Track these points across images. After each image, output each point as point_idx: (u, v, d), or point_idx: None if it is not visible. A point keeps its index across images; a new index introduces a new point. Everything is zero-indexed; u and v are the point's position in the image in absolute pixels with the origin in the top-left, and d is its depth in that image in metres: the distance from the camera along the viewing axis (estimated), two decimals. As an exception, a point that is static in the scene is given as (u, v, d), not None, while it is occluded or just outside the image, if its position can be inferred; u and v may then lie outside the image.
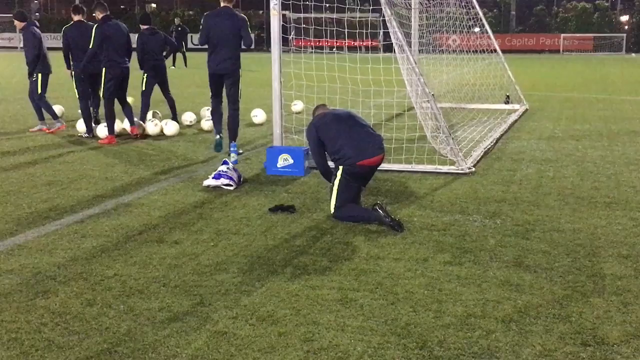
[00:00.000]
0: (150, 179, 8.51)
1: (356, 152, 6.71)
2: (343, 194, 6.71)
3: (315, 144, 7.01)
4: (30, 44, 12.17)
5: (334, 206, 6.71)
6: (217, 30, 10.08)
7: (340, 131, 6.84)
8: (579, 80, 26.15)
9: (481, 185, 8.11)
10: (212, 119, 11.01)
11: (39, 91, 12.22)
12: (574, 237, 6.10)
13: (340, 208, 6.67)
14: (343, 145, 6.75)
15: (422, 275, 5.18)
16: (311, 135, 7.04)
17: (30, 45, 12.15)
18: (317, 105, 7.54)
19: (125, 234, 6.24)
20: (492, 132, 11.67)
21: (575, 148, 10.60)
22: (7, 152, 10.42)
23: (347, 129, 6.86)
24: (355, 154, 6.70)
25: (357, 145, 6.74)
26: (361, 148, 6.74)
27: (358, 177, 6.84)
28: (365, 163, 6.74)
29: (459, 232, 6.26)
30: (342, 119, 6.98)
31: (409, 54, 9.17)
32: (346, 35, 10.52)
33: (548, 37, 53.90)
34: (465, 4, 15.48)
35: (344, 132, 6.82)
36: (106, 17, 11.30)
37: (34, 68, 12.19)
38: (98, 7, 11.42)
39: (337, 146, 6.79)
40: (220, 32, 10.07)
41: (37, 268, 5.33)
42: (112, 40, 11.15)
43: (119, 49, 11.24)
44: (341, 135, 6.81)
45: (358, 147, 6.73)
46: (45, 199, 7.51)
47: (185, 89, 19.84)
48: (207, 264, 5.42)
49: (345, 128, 6.86)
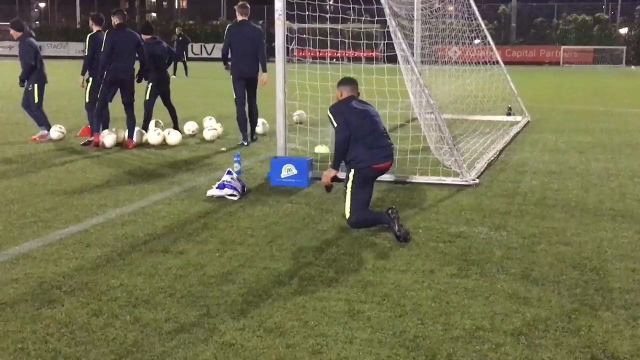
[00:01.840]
0: (153, 189, 8.49)
1: (370, 156, 6.73)
2: (357, 196, 6.71)
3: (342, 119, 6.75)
4: (26, 54, 12.21)
5: (348, 211, 6.70)
6: (240, 41, 11.73)
7: (356, 132, 6.72)
8: (580, 92, 26.18)
9: (486, 197, 8.09)
10: (239, 126, 12.02)
11: (37, 101, 12.28)
12: (581, 250, 6.08)
13: (355, 214, 6.66)
14: (356, 145, 6.71)
15: (429, 287, 5.15)
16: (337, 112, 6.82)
17: (26, 56, 12.19)
18: (345, 79, 7.24)
19: (130, 243, 6.22)
20: (495, 144, 11.66)
21: (578, 160, 10.59)
22: (10, 160, 10.40)
23: (363, 131, 6.76)
24: (369, 157, 6.72)
25: (371, 150, 6.74)
26: (374, 153, 6.76)
27: (369, 179, 6.84)
28: (377, 167, 6.79)
29: (465, 244, 6.25)
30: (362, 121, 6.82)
31: (414, 65, 9.17)
32: (347, 46, 10.55)
33: (548, 49, 53.95)
34: (468, 15, 15.50)
35: (359, 133, 6.72)
36: (120, 25, 11.40)
37: (27, 78, 12.25)
38: (117, 14, 11.62)
39: (350, 145, 6.73)
40: (245, 41, 11.74)
41: (42, 278, 5.30)
42: (119, 48, 11.28)
43: (125, 57, 11.37)
44: (356, 135, 6.71)
45: (372, 152, 6.74)
46: (49, 207, 7.49)
47: (186, 98, 19.83)
48: (213, 274, 5.40)
49: (361, 130, 6.75)
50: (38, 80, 12.27)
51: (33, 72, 12.20)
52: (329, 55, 11.94)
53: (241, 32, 11.89)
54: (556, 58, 52.50)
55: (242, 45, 11.81)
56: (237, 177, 8.32)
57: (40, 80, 12.31)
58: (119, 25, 11.47)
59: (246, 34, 11.87)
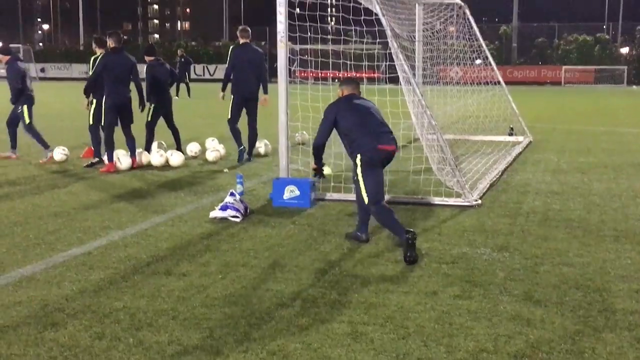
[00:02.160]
0: (156, 210, 8.51)
1: (372, 139, 6.90)
2: (370, 181, 6.86)
3: (328, 125, 7.16)
4: (13, 78, 12.53)
5: (367, 196, 6.87)
6: (244, 63, 12.15)
7: (357, 124, 6.98)
8: (581, 112, 26.24)
9: (488, 218, 8.10)
10: (233, 136, 12.50)
11: (27, 121, 12.60)
12: (584, 271, 6.07)
13: (377, 206, 6.84)
14: (358, 135, 6.93)
15: (432, 309, 5.15)
16: (329, 116, 7.16)
17: (13, 80, 12.51)
18: (347, 79, 7.64)
19: (132, 265, 6.23)
20: (497, 164, 11.68)
21: (580, 181, 10.60)
22: (14, 182, 10.43)
23: (364, 122, 6.99)
24: (371, 140, 6.89)
25: (372, 134, 6.93)
26: (378, 135, 6.94)
27: (376, 162, 6.94)
28: (382, 147, 6.91)
29: (468, 265, 6.24)
30: (362, 113, 7.08)
31: (415, 87, 9.21)
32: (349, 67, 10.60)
33: (549, 69, 54.17)
34: (469, 36, 15.58)
35: (359, 124, 6.97)
36: (115, 49, 11.42)
37: (17, 100, 12.59)
38: (112, 36, 11.60)
39: (353, 137, 6.96)
40: (247, 64, 12.17)
41: (45, 300, 5.31)
42: (115, 71, 11.26)
43: (123, 80, 11.37)
44: (357, 127, 6.96)
45: (374, 135, 6.92)
46: (51, 230, 7.51)
47: (189, 119, 19.89)
48: (216, 296, 5.40)
49: (362, 121, 7.00)
50: (27, 102, 12.62)
51: (22, 95, 12.51)
52: (331, 76, 11.99)
53: (244, 55, 12.28)
54: (557, 78, 52.67)
55: (244, 67, 12.19)
56: (240, 198, 8.33)
57: (29, 101, 12.66)
58: (115, 48, 11.49)
59: (248, 57, 12.30)
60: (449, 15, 15.34)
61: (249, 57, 12.30)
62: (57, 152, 12.43)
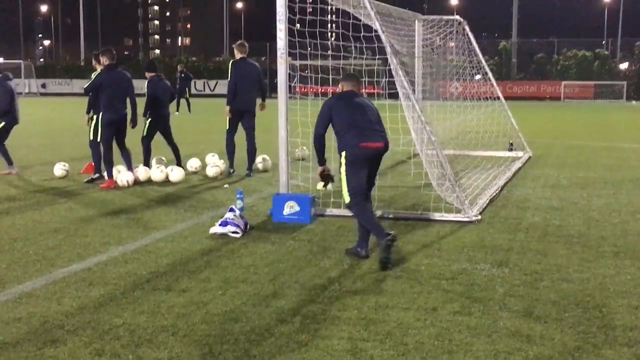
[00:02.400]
0: (156, 226, 8.52)
1: (356, 136, 7.04)
2: (352, 178, 7.02)
3: (323, 118, 7.30)
4: (1, 98, 12.74)
5: (346, 193, 7.04)
6: (243, 76, 12.44)
7: (346, 121, 7.13)
8: (581, 127, 26.30)
9: (488, 234, 8.11)
10: (228, 155, 12.80)
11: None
12: (583, 287, 6.08)
13: (355, 201, 7.00)
14: (345, 132, 7.09)
15: (431, 325, 5.15)
16: (325, 109, 7.32)
17: (1, 100, 12.73)
18: (348, 74, 7.82)
19: (132, 281, 6.23)
20: (497, 180, 11.69)
21: (580, 196, 10.61)
22: (14, 198, 10.45)
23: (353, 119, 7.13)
24: (356, 137, 7.03)
25: (358, 131, 7.07)
26: (362, 133, 7.07)
27: (360, 159, 7.06)
28: (366, 144, 7.03)
29: (467, 281, 6.25)
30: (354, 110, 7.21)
31: (415, 103, 9.24)
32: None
33: (549, 85, 54.30)
34: (469, 52, 15.64)
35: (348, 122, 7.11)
36: (110, 65, 11.46)
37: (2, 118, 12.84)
38: (106, 53, 11.62)
39: (341, 133, 7.14)
40: (246, 77, 12.48)
41: (45, 317, 5.31)
42: (112, 88, 11.32)
43: (119, 97, 11.42)
44: (346, 124, 7.11)
45: (359, 132, 7.06)
46: (52, 246, 7.52)
47: (189, 134, 19.94)
48: (216, 312, 5.40)
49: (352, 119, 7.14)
50: (7, 121, 12.87)
51: (6, 115, 12.81)
52: (331, 92, 12.03)
53: (243, 69, 12.54)
54: (557, 93, 52.80)
55: (243, 82, 12.47)
56: (240, 214, 8.34)
57: (10, 122, 12.93)
58: (109, 65, 11.53)
59: (247, 71, 12.61)
60: (449, 31, 15.41)
61: (248, 71, 12.61)
62: (57, 168, 12.45)
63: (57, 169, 12.45)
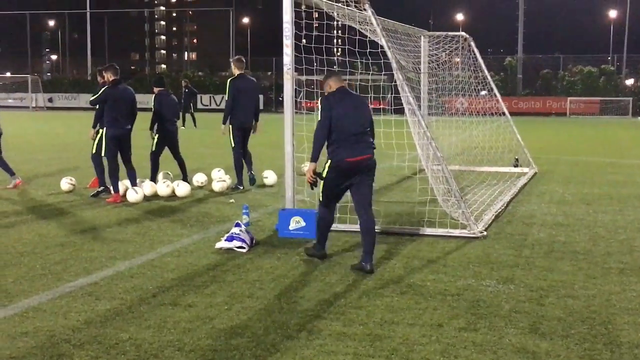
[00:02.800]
0: (162, 241, 8.55)
1: (345, 150, 7.26)
2: (330, 187, 7.39)
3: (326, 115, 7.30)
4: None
5: (321, 196, 7.46)
6: (243, 92, 12.61)
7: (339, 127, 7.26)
8: (587, 143, 26.29)
9: (493, 250, 8.11)
10: (236, 170, 12.83)
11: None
12: (589, 304, 6.08)
13: (326, 202, 7.48)
14: (335, 141, 7.28)
15: (437, 341, 5.16)
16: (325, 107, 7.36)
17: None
18: (332, 73, 7.89)
19: (138, 296, 6.25)
20: (502, 196, 11.70)
21: (586, 212, 10.61)
22: (21, 212, 10.49)
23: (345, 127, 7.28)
24: (344, 151, 7.26)
25: (347, 144, 7.27)
26: (350, 147, 7.28)
27: (343, 171, 7.30)
28: (351, 160, 7.26)
29: (473, 297, 6.25)
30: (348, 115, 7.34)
31: (420, 119, 9.27)
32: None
33: (555, 100, 54.30)
34: (474, 68, 15.68)
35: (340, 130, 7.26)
36: (116, 81, 11.54)
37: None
38: (110, 69, 11.69)
39: (332, 139, 7.30)
40: (246, 93, 12.69)
41: (52, 331, 5.33)
42: (118, 103, 11.40)
43: (123, 112, 11.50)
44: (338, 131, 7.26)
45: (348, 146, 7.27)
46: (58, 260, 7.54)
47: (194, 149, 19.99)
48: (222, 327, 5.42)
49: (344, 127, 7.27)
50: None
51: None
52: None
53: (242, 85, 12.74)
54: (562, 109, 52.78)
55: (243, 98, 12.69)
56: (246, 229, 8.36)
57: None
58: (114, 80, 11.60)
59: (246, 87, 12.83)
60: (454, 47, 15.45)
61: (246, 87, 12.81)
62: (64, 182, 12.50)
63: (64, 183, 12.50)
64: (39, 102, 60.68)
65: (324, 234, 7.67)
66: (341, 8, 9.48)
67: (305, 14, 9.50)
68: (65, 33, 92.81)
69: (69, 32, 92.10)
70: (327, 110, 7.34)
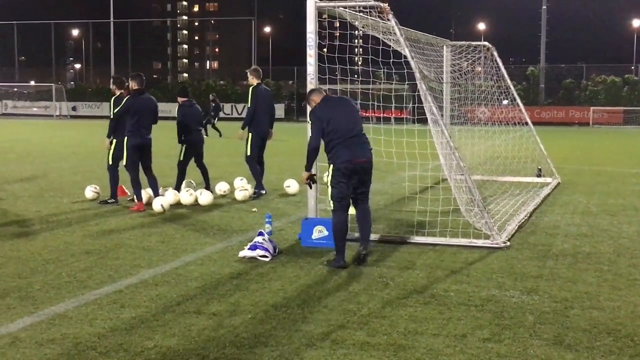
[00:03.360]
0: (186, 249, 8.59)
1: (348, 152, 7.67)
2: (338, 190, 7.72)
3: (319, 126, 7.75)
4: None
5: (331, 202, 7.78)
6: (263, 101, 12.98)
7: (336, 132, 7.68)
8: (610, 153, 26.09)
9: (517, 260, 8.07)
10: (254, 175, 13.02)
11: None
12: (614, 316, 6.03)
13: (339, 206, 7.74)
14: (336, 144, 7.68)
15: (461, 352, 5.14)
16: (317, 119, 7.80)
17: None
18: (312, 89, 8.36)
19: (163, 304, 6.29)
20: (526, 206, 11.64)
21: (610, 223, 10.53)
22: (46, 220, 10.58)
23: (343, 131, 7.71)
24: (347, 153, 7.67)
25: (349, 146, 7.69)
26: (353, 150, 7.71)
27: (348, 173, 7.68)
28: (354, 161, 7.68)
29: (497, 308, 6.23)
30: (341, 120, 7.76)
31: (444, 128, 9.26)
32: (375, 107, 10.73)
33: (577, 110, 53.98)
34: (497, 78, 15.64)
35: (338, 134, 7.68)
36: (138, 90, 11.63)
37: None
38: (135, 78, 11.78)
39: (332, 145, 7.70)
40: (265, 102, 13.07)
41: (78, 338, 5.38)
42: (141, 113, 11.51)
43: (146, 122, 11.61)
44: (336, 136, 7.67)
45: (350, 148, 7.69)
46: (83, 268, 7.61)
47: (217, 158, 20.06)
48: (246, 336, 5.44)
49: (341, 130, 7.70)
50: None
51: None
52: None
53: (263, 95, 13.13)
54: (585, 119, 52.43)
55: (263, 107, 13.05)
56: (269, 238, 8.39)
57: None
58: (138, 90, 11.69)
59: (266, 96, 13.30)
60: (477, 56, 15.43)
61: (266, 96, 13.31)
62: (88, 190, 12.61)
63: (88, 191, 12.61)
64: (63, 110, 61.29)
65: (342, 241, 7.81)
66: (364, 18, 9.50)
67: (327, 24, 9.55)
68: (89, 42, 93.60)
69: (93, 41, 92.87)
70: (318, 122, 7.73)
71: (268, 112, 13.21)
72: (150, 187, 11.85)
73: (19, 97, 67.45)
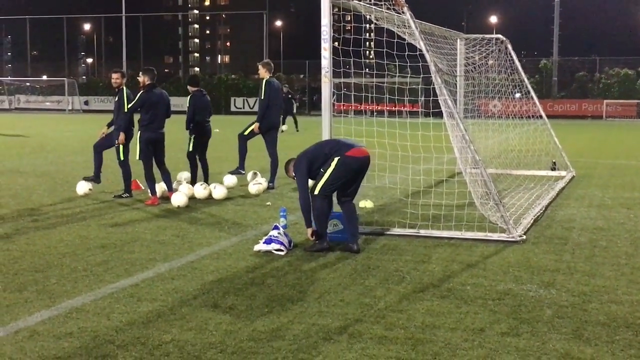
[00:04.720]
0: (201, 243, 8.59)
1: (346, 148, 8.00)
2: (330, 180, 7.94)
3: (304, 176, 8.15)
4: None
5: (319, 187, 7.96)
6: (275, 94, 13.26)
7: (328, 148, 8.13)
8: (624, 146, 25.93)
9: (533, 254, 8.03)
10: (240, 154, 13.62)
11: None
12: (633, 310, 5.99)
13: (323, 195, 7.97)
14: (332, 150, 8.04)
15: (479, 346, 5.12)
16: (300, 168, 8.16)
17: None
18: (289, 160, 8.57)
19: (180, 298, 6.29)
20: (541, 199, 11.58)
21: (626, 216, 10.46)
22: (61, 214, 10.61)
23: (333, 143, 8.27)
24: (344, 148, 7.99)
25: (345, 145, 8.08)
26: (349, 145, 8.08)
27: (349, 168, 7.97)
28: (354, 154, 7.97)
29: (514, 302, 6.20)
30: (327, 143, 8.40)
31: (459, 122, 9.21)
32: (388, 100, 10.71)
33: (590, 103, 53.68)
34: (511, 71, 15.56)
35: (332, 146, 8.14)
36: (150, 85, 11.63)
37: None
38: (147, 73, 11.78)
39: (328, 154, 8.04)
40: (277, 95, 13.39)
41: (95, 332, 5.39)
42: (154, 108, 11.53)
43: (159, 116, 11.63)
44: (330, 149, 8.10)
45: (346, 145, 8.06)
46: (99, 261, 7.62)
47: (229, 152, 20.04)
48: (263, 330, 5.43)
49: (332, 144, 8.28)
50: None
51: None
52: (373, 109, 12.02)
53: (275, 87, 13.43)
54: (599, 112, 52.15)
55: (275, 100, 13.36)
56: (284, 231, 8.38)
57: None
58: (150, 84, 11.69)
59: (277, 89, 13.58)
60: (490, 49, 15.35)
61: (278, 89, 13.62)
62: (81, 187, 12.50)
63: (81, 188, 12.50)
64: (75, 104, 61.49)
65: (325, 224, 8.16)
66: (379, 11, 9.46)
67: (339, 17, 9.49)
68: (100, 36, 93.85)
69: (105, 35, 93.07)
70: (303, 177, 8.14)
71: (280, 104, 13.62)
72: (164, 181, 11.86)
73: (31, 92, 67.73)
